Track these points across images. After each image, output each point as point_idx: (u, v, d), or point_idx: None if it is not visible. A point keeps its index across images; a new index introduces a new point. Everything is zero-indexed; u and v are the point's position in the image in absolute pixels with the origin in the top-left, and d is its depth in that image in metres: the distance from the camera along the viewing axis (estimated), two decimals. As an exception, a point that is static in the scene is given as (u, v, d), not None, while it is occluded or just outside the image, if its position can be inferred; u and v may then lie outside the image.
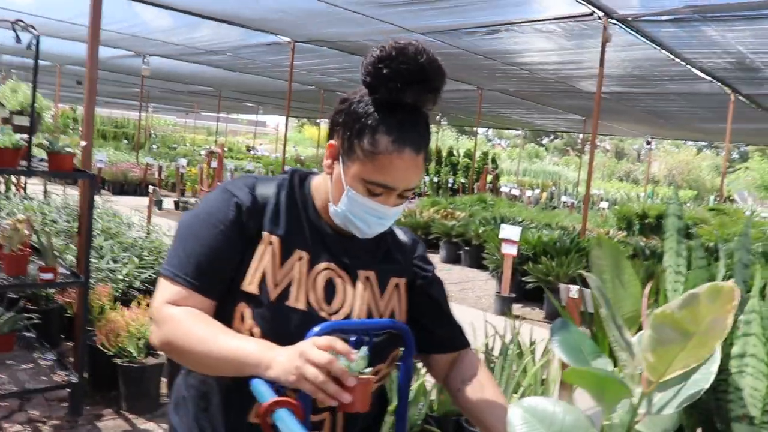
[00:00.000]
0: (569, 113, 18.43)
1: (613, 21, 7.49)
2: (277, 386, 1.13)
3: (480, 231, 9.82)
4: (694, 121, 17.43)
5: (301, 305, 1.33)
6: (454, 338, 1.54)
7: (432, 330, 1.50)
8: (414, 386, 3.16)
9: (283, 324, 1.31)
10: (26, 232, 3.52)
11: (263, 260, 1.35)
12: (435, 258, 10.82)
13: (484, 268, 9.28)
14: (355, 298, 1.38)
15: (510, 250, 7.08)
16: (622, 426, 0.87)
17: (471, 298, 7.95)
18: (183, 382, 1.47)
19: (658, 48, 8.59)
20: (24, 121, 3.36)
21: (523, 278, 7.64)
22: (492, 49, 9.94)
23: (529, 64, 10.99)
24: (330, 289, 1.37)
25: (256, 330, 1.31)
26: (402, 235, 1.56)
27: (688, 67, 9.58)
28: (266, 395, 1.10)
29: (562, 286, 3.35)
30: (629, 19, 7.46)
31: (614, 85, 11.71)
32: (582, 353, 0.91)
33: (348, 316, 1.36)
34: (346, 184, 1.33)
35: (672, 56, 8.97)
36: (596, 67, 7.85)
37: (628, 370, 0.84)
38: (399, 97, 1.28)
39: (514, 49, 9.84)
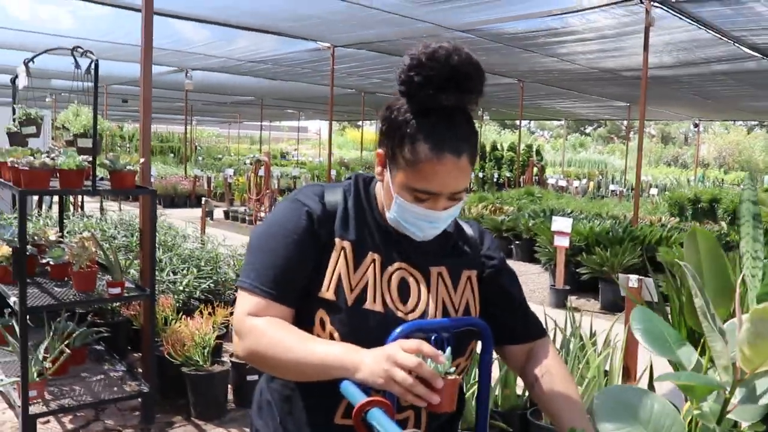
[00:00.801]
0: (612, 100, 18.13)
1: (656, 4, 7.37)
2: (365, 387, 1.16)
3: (530, 224, 9.75)
4: (743, 101, 16.98)
5: (378, 307, 1.36)
6: (528, 328, 1.54)
7: (504, 321, 1.51)
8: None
9: (363, 327, 1.34)
10: (93, 249, 3.65)
11: (338, 266, 1.37)
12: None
13: (536, 261, 9.22)
14: (430, 296, 1.40)
15: (562, 242, 7.02)
16: (713, 414, 0.88)
17: (525, 292, 7.74)
18: (265, 386, 1.51)
19: (704, 28, 8.40)
20: (87, 143, 3.48)
21: (576, 270, 7.57)
22: (532, 41, 9.86)
23: (570, 54, 10.86)
24: (404, 289, 1.40)
25: (336, 335, 1.34)
26: (468, 229, 1.56)
27: (736, 45, 9.35)
28: (358, 396, 1.13)
29: (621, 276, 3.32)
30: (672, 1, 7.33)
31: (659, 69, 11.49)
32: (666, 342, 0.92)
33: (424, 314, 1.38)
34: (393, 191, 1.35)
35: (718, 35, 8.76)
36: (639, 53, 7.72)
37: (721, 361, 0.85)
38: (434, 102, 1.27)
39: (554, 39, 9.74)
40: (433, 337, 1.30)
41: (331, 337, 1.34)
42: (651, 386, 1.33)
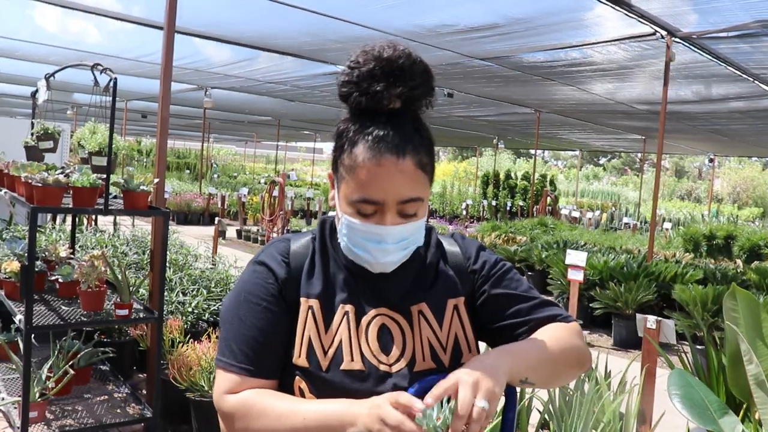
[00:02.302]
0: (628, 133, 18.08)
1: (677, 39, 7.34)
2: None
3: (543, 256, 9.66)
4: (760, 137, 16.88)
5: (356, 365, 1.25)
6: (543, 317, 1.35)
7: (515, 325, 1.35)
8: (492, 424, 3.09)
9: (343, 391, 1.23)
10: (102, 268, 3.61)
11: (306, 328, 1.28)
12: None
13: (548, 293, 9.11)
14: (414, 339, 1.28)
15: (576, 276, 6.92)
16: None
17: (536, 325, 7.78)
18: None
19: (724, 65, 8.36)
20: (102, 161, 3.46)
21: (589, 304, 7.47)
22: (550, 71, 9.85)
23: (587, 85, 10.84)
24: (385, 338, 1.28)
25: None
26: (450, 247, 1.41)
27: (755, 83, 9.30)
28: None
29: (639, 316, 3.24)
30: (693, 36, 7.29)
31: (676, 104, 11.44)
32: (708, 410, 0.86)
33: (411, 361, 1.26)
34: (340, 210, 1.25)
35: (738, 72, 8.71)
36: (657, 86, 7.67)
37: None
38: (371, 101, 1.18)
39: (572, 71, 9.72)
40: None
41: None
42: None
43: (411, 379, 1.24)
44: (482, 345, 1.43)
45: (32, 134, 4.46)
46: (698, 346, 3.27)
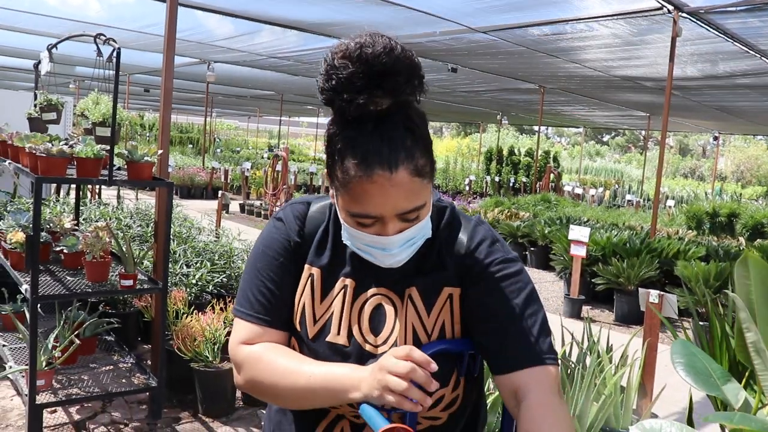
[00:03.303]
0: (632, 109, 17.99)
1: (684, 14, 7.26)
2: (387, 411, 1.12)
3: (546, 231, 9.67)
4: (765, 115, 16.78)
5: (342, 339, 1.25)
6: (517, 352, 1.20)
7: (485, 342, 1.23)
8: (494, 395, 3.12)
9: (325, 360, 1.23)
10: (107, 239, 3.62)
11: (303, 295, 1.29)
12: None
13: (550, 268, 9.14)
14: (398, 321, 1.25)
15: (579, 252, 6.94)
16: (760, 456, 0.83)
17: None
18: None
19: (731, 40, 8.28)
20: (105, 132, 3.46)
21: (592, 280, 7.49)
22: (555, 46, 9.78)
23: (592, 61, 10.76)
24: (379, 317, 1.26)
25: None
26: (462, 234, 1.30)
27: (762, 59, 9.22)
28: (379, 422, 1.08)
29: (641, 290, 3.25)
30: (701, 11, 7.22)
31: (682, 80, 11.37)
32: (711, 378, 0.86)
33: (395, 344, 1.23)
34: (341, 217, 1.22)
35: (745, 48, 8.64)
36: (662, 62, 7.62)
37: (776, 401, 0.79)
38: (356, 108, 1.08)
39: (577, 45, 9.64)
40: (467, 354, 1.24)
41: None
42: (690, 421, 1.24)
43: None
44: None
45: (35, 105, 4.45)
46: (701, 322, 3.29)
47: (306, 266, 1.30)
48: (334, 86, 1.08)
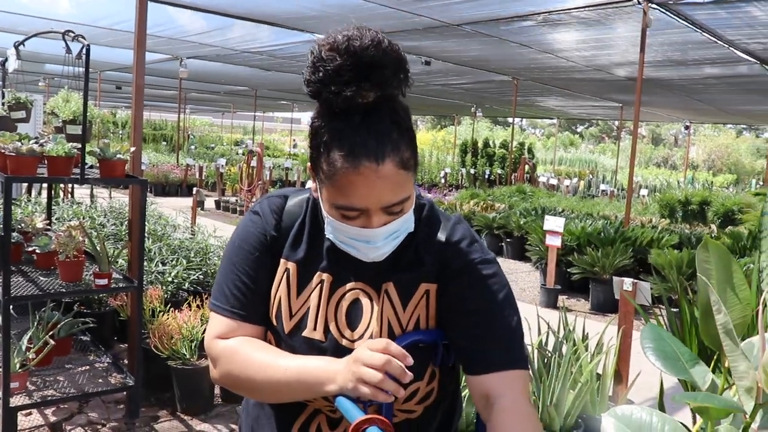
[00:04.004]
0: (605, 100, 18.16)
1: (654, 6, 7.34)
2: (363, 403, 1.12)
3: (521, 222, 9.74)
4: (735, 104, 17.04)
5: (318, 335, 1.25)
6: (486, 354, 1.20)
7: (463, 344, 1.24)
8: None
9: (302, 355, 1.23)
10: (80, 238, 3.58)
11: (279, 289, 1.29)
12: (475, 251, 10.76)
13: (526, 259, 9.21)
14: (374, 316, 1.24)
15: (554, 242, 7.00)
16: (729, 437, 0.85)
17: (515, 291, 7.80)
18: None
19: (699, 31, 8.39)
20: (76, 129, 3.41)
21: (567, 269, 7.56)
22: (527, 38, 9.83)
23: (564, 51, 10.83)
24: (356, 312, 1.26)
25: None
26: (441, 233, 1.30)
27: (730, 49, 9.36)
28: (355, 413, 1.09)
29: (615, 278, 3.30)
30: (670, 2, 7.31)
31: (652, 70, 11.50)
32: (679, 361, 0.88)
33: (371, 338, 1.23)
34: (324, 210, 1.21)
35: (713, 38, 8.76)
36: (633, 53, 7.69)
37: (744, 382, 0.81)
38: (343, 101, 1.08)
39: (550, 38, 9.71)
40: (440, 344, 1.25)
41: None
42: (662, 406, 1.26)
43: None
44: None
45: (3, 104, 4.38)
46: (673, 309, 3.35)
47: (282, 260, 1.30)
48: (322, 78, 1.08)
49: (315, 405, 1.28)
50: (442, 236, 1.29)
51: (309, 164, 1.20)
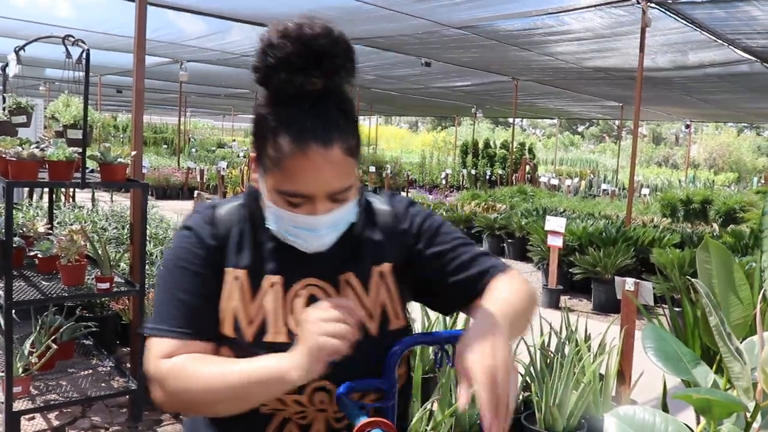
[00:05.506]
0: (606, 100, 18.16)
1: (653, 5, 7.35)
2: (365, 406, 1.12)
3: (523, 223, 9.73)
4: (735, 103, 17.03)
5: (281, 337, 1.20)
6: (482, 275, 1.30)
7: (465, 278, 1.30)
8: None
9: None
10: (82, 242, 3.59)
11: (232, 299, 1.23)
12: (477, 252, 10.76)
13: (528, 260, 9.20)
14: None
15: (556, 242, 7.00)
16: (731, 437, 0.84)
17: (516, 292, 7.88)
18: None
19: (699, 30, 8.40)
20: (77, 134, 3.42)
21: (569, 270, 7.55)
22: (527, 40, 9.83)
23: (564, 53, 10.84)
24: None
25: None
26: (381, 205, 1.36)
27: (730, 48, 9.36)
28: (357, 415, 1.09)
29: (617, 278, 3.29)
30: (669, 1, 7.31)
31: (653, 70, 11.50)
32: (681, 362, 0.88)
33: None
34: (267, 199, 1.19)
35: (713, 37, 8.76)
36: (633, 53, 7.71)
37: (740, 382, 0.81)
38: (292, 87, 1.10)
39: (549, 39, 9.72)
40: (434, 352, 1.25)
41: None
42: (665, 406, 1.25)
43: None
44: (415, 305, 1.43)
45: (4, 109, 4.39)
46: (676, 308, 3.35)
47: (229, 269, 1.24)
48: (272, 64, 1.09)
49: (284, 413, 1.23)
50: (384, 208, 1.34)
51: (251, 155, 1.20)
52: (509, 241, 10.31)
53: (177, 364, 1.16)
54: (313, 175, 1.11)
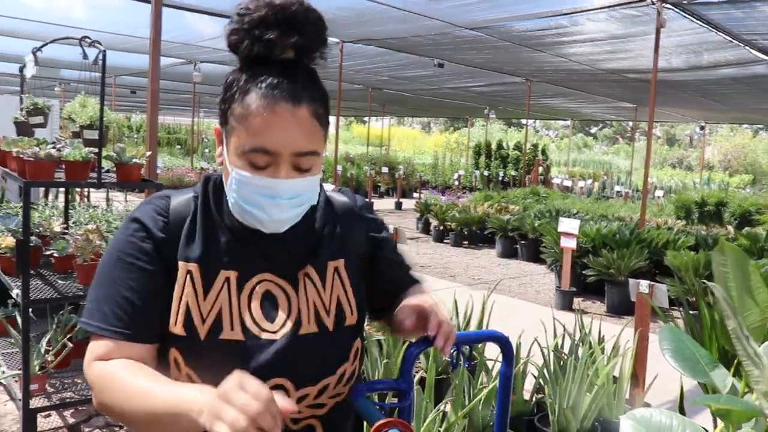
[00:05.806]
0: (619, 101, 18.06)
1: (668, 6, 7.31)
2: (382, 404, 1.13)
3: (536, 224, 9.71)
4: (751, 104, 16.88)
5: (236, 335, 1.16)
6: (409, 279, 1.46)
7: (398, 286, 1.43)
8: (487, 389, 3.14)
9: (221, 362, 1.10)
10: (97, 241, 3.61)
11: (185, 294, 1.17)
12: (491, 253, 10.75)
13: (541, 261, 9.18)
14: (300, 303, 1.21)
15: (569, 244, 6.98)
16: (749, 440, 0.84)
17: (530, 293, 7.87)
18: None
19: (714, 30, 8.34)
20: (93, 134, 3.44)
21: (582, 272, 7.53)
22: (540, 41, 9.80)
23: (578, 54, 10.80)
24: (270, 304, 1.20)
25: (194, 376, 1.15)
26: (340, 197, 1.38)
27: (746, 48, 9.28)
28: (374, 416, 1.09)
29: (631, 281, 3.28)
30: (684, 2, 7.27)
31: (667, 72, 11.42)
32: (699, 364, 0.88)
33: (297, 325, 1.19)
34: (230, 165, 1.16)
35: (729, 38, 8.70)
36: (647, 54, 7.66)
37: (760, 386, 0.80)
38: (263, 48, 1.12)
39: (563, 40, 9.68)
40: (452, 351, 1.25)
41: (189, 379, 1.14)
42: (682, 409, 1.24)
43: (296, 342, 1.18)
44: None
45: (22, 109, 4.43)
46: (691, 311, 3.33)
47: (180, 263, 1.19)
48: (245, 26, 1.11)
49: None
50: (343, 199, 1.38)
51: (216, 127, 1.21)
52: (522, 242, 10.29)
53: (106, 372, 1.11)
54: (280, 131, 1.11)
